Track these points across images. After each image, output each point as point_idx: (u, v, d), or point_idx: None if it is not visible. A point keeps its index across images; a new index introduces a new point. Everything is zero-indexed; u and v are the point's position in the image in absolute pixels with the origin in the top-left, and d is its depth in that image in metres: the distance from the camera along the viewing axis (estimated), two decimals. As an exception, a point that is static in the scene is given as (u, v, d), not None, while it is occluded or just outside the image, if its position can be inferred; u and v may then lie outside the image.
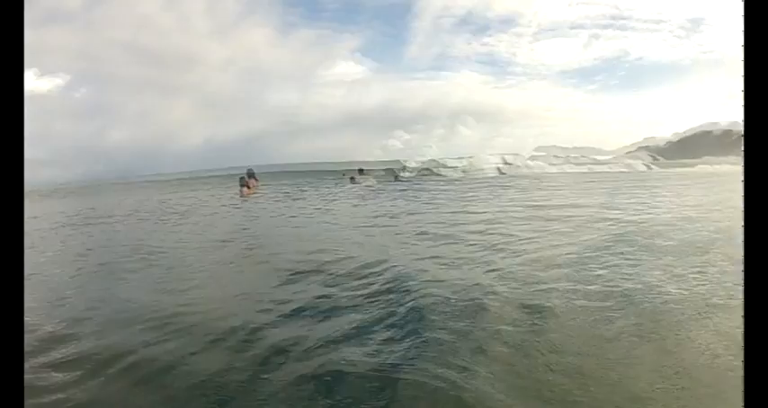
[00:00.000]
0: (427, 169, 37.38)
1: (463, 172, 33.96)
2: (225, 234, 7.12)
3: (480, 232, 6.20)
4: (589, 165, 38.40)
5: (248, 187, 16.18)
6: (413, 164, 38.08)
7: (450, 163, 40.43)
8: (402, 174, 36.51)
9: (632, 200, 9.87)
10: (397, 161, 39.60)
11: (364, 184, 19.83)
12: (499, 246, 5.14)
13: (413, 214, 8.75)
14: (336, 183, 20.38)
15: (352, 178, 21.88)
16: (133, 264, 5.13)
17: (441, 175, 32.28)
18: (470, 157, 41.92)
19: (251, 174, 16.51)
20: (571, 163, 38.71)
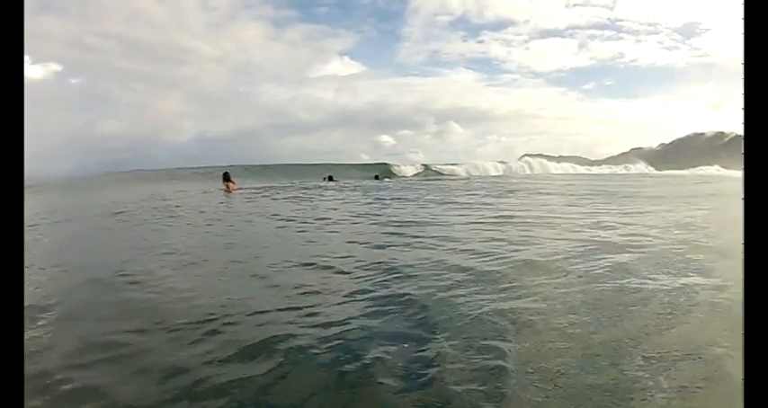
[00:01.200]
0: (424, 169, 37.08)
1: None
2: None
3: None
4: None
5: (232, 182, 16.98)
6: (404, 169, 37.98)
7: (436, 168, 40.44)
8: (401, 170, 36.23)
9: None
10: (385, 164, 39.34)
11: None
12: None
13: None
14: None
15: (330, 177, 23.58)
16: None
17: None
18: (458, 164, 41.93)
19: (227, 178, 17.09)
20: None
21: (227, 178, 17.05)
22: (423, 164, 41.29)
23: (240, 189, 17.20)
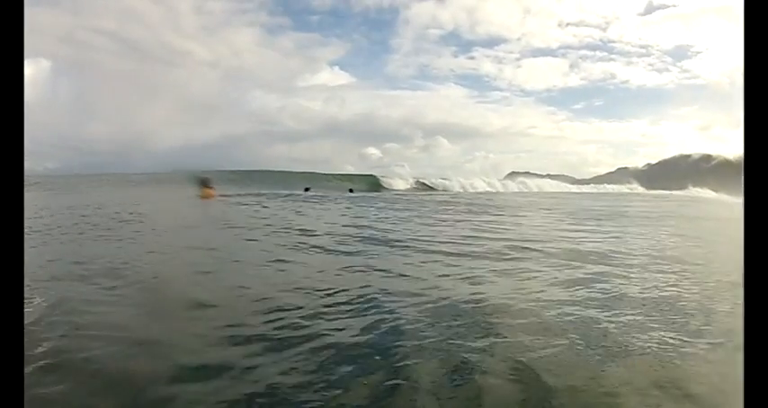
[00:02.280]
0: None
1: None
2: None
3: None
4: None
5: (211, 189, 15.38)
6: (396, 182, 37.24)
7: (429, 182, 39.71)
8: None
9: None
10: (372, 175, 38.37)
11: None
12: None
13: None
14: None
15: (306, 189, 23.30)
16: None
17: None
18: (451, 180, 41.59)
19: (206, 184, 15.55)
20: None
21: (205, 184, 15.37)
22: (414, 179, 40.01)
23: (221, 196, 15.56)
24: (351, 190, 26.06)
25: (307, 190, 23.06)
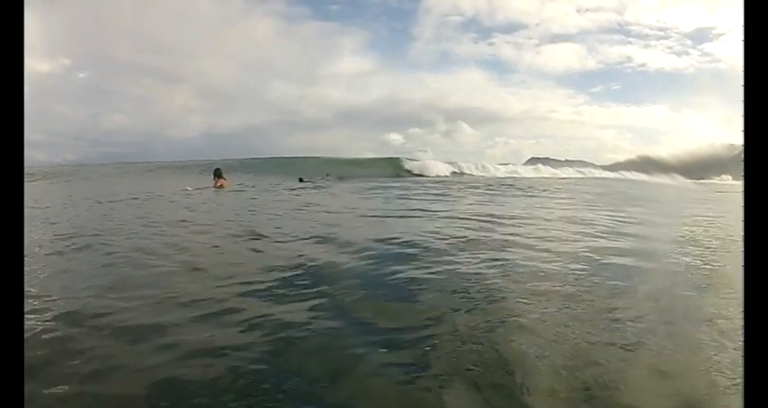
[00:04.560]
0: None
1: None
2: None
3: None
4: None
5: (224, 179, 15.77)
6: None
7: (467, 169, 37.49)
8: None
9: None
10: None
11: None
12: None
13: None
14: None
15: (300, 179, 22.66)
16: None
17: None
18: (502, 165, 40.08)
19: (219, 174, 15.89)
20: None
21: (218, 174, 15.71)
22: (450, 163, 35.84)
23: (233, 185, 15.89)
24: (340, 178, 25.22)
25: (301, 180, 22.57)
